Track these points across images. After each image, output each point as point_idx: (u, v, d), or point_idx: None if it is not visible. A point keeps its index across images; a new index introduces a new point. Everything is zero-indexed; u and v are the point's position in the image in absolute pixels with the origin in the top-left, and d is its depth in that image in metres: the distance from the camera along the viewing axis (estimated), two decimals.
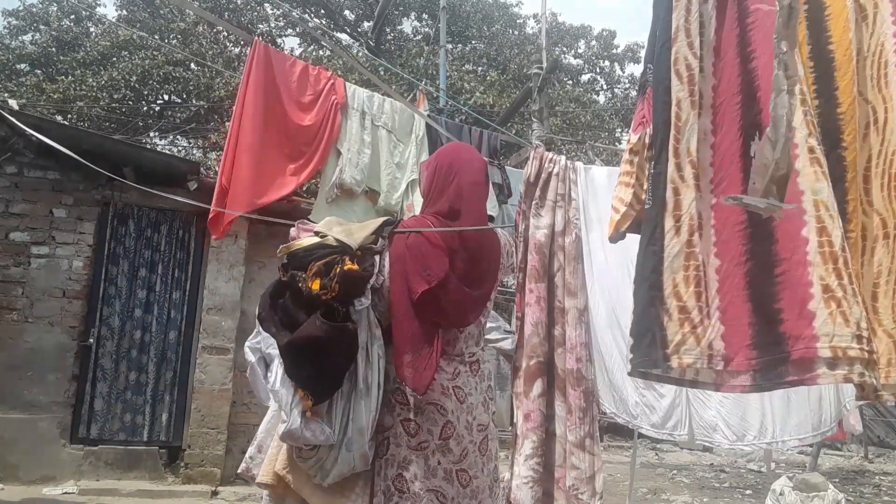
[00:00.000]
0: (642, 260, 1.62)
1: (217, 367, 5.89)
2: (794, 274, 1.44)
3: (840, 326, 1.36)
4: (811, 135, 1.47)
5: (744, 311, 1.52)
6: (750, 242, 1.54)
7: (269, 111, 3.90)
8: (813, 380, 1.42)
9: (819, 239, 1.41)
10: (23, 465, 5.35)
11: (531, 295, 2.87)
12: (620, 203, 1.89)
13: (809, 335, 1.39)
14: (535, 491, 2.79)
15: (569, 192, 3.01)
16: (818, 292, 1.39)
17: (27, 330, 5.60)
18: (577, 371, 2.83)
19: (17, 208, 5.76)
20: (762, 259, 1.51)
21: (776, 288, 1.47)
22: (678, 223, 1.57)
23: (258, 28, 14.93)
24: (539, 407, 2.84)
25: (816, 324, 1.38)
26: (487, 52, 16.38)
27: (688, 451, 12.67)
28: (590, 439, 2.80)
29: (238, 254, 6.05)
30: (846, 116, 1.59)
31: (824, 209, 1.42)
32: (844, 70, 1.61)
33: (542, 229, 2.93)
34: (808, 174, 1.44)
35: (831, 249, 1.40)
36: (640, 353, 1.58)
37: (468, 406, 1.97)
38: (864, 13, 1.62)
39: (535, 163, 3.02)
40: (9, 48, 14.15)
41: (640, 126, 1.88)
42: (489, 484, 1.97)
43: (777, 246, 1.48)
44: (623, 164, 1.93)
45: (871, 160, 1.58)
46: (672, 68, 1.63)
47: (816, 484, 5.48)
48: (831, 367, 1.37)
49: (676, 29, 1.64)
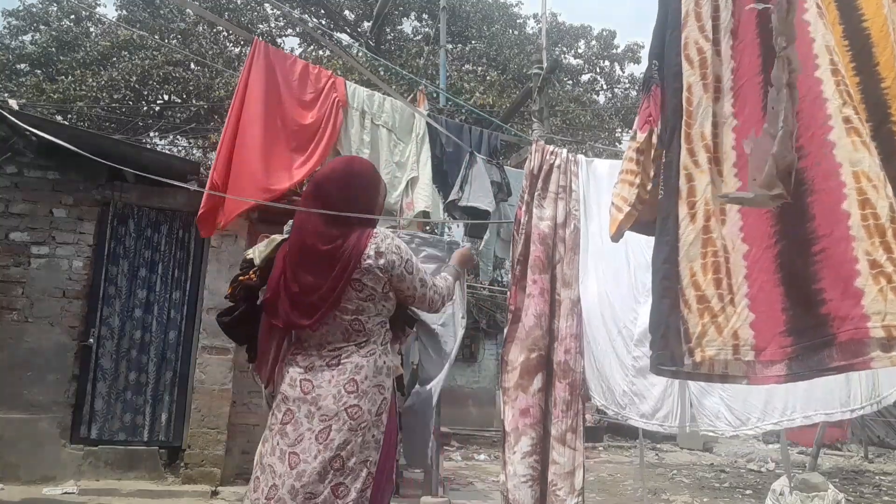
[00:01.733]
0: (656, 252, 1.58)
1: (217, 367, 5.89)
2: (835, 251, 1.33)
3: (892, 303, 1.24)
4: (846, 104, 1.37)
5: (775, 297, 1.43)
6: (779, 223, 1.45)
7: (272, 109, 3.91)
8: (865, 364, 1.30)
9: (862, 212, 1.30)
10: (23, 465, 5.35)
11: (534, 286, 2.86)
12: (623, 202, 1.85)
13: (858, 315, 1.28)
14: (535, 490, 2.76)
15: (570, 184, 3.02)
16: (865, 268, 1.28)
17: (27, 330, 5.60)
18: (566, 363, 2.82)
19: (17, 208, 5.76)
20: (796, 238, 1.40)
21: (815, 267, 1.36)
22: (693, 210, 1.51)
23: (258, 28, 14.92)
24: (539, 402, 2.81)
25: (865, 302, 1.27)
26: (487, 52, 16.36)
27: (688, 451, 12.66)
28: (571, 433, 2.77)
29: (238, 254, 6.03)
30: (892, 91, 1.52)
31: (866, 180, 1.31)
32: (883, 46, 1.55)
33: (545, 220, 2.94)
34: (845, 145, 1.34)
35: (877, 222, 1.29)
36: (658, 348, 1.52)
37: (313, 398, 2.16)
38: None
39: (536, 155, 3.03)
40: (9, 48, 14.15)
41: (647, 125, 1.83)
42: (319, 470, 2.09)
43: (814, 223, 1.37)
44: (626, 163, 1.88)
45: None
46: (682, 53, 1.60)
47: (816, 484, 5.47)
48: (886, 349, 1.26)
49: (686, 14, 1.61)
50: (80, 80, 12.17)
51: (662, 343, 1.53)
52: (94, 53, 13.13)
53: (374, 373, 2.20)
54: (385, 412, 2.20)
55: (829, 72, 1.41)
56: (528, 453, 2.78)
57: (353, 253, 2.21)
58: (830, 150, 1.35)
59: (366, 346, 2.23)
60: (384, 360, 2.24)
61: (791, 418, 3.72)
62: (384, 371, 2.23)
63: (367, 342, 2.23)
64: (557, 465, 2.74)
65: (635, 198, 1.82)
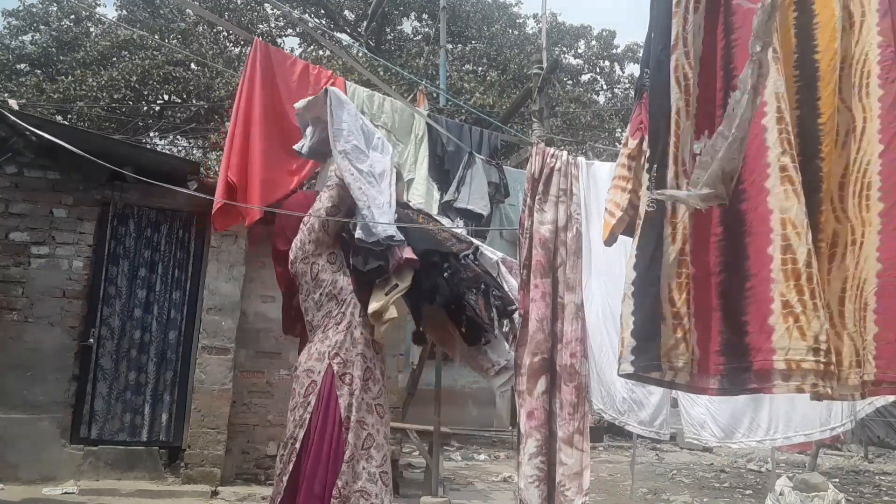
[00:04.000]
0: (648, 264, 1.64)
1: (217, 367, 5.89)
2: (760, 290, 1.52)
3: (796, 340, 1.44)
4: (784, 153, 1.50)
5: (714, 319, 1.59)
6: (723, 255, 1.60)
7: (271, 110, 3.91)
8: (769, 389, 1.52)
9: (783, 256, 1.48)
10: (23, 465, 5.35)
11: (536, 290, 2.87)
12: (616, 207, 1.92)
13: (767, 348, 1.48)
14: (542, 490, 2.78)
15: (570, 188, 3.02)
16: (778, 308, 1.47)
17: (27, 330, 5.60)
18: (571, 366, 2.83)
19: (17, 208, 5.76)
20: (736, 273, 1.57)
21: (745, 301, 1.55)
22: (674, 231, 1.60)
23: (258, 28, 14.92)
24: (542, 404, 2.83)
25: (774, 338, 1.47)
26: (487, 52, 16.35)
27: (688, 451, 12.66)
28: (578, 435, 2.80)
29: (238, 254, 6.04)
30: (826, 127, 1.61)
31: (791, 227, 1.48)
32: (827, 80, 1.62)
33: (546, 224, 2.94)
34: (778, 193, 1.50)
35: (794, 266, 1.46)
36: (644, 357, 1.60)
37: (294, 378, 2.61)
38: (852, 20, 1.62)
39: (537, 158, 3.03)
40: (9, 48, 14.15)
41: (638, 132, 1.90)
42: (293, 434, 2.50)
43: (749, 262, 1.55)
44: (619, 168, 1.95)
45: (848, 167, 1.60)
46: (672, 75, 1.63)
47: (816, 484, 5.48)
48: (785, 379, 1.47)
49: (676, 37, 1.64)
50: (80, 80, 12.16)
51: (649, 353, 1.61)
52: (94, 53, 13.12)
53: (305, 358, 2.52)
54: (313, 393, 2.45)
55: (775, 119, 1.52)
56: (535, 454, 2.81)
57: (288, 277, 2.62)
58: (766, 196, 1.51)
59: (311, 339, 2.55)
60: (317, 346, 2.51)
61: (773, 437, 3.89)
62: (314, 356, 2.50)
63: (314, 335, 2.55)
64: (565, 466, 2.77)
65: (627, 203, 1.89)
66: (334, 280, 2.54)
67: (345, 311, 2.54)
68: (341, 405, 2.44)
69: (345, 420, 2.44)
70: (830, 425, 3.75)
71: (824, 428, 3.78)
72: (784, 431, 3.83)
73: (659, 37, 1.72)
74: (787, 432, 3.83)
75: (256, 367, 6.14)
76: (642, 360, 1.60)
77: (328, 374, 2.46)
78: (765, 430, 3.84)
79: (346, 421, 2.44)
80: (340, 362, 2.48)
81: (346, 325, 2.53)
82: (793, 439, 3.91)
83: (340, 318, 2.53)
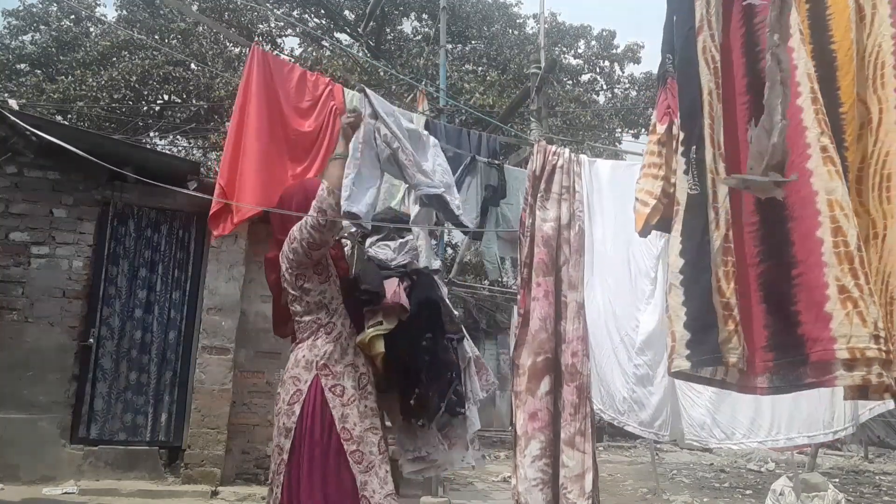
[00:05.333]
0: (697, 251, 1.54)
1: (217, 367, 5.89)
2: (810, 276, 1.43)
3: (857, 327, 1.35)
4: (823, 133, 1.44)
5: (757, 313, 1.51)
6: (763, 244, 1.53)
7: (270, 116, 3.90)
8: (831, 382, 1.41)
9: (834, 239, 1.40)
10: (23, 465, 5.35)
11: (539, 289, 2.84)
12: (649, 196, 1.83)
13: (827, 337, 1.38)
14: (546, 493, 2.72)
15: (573, 185, 3.00)
16: (834, 293, 1.38)
17: (27, 330, 5.60)
18: (573, 366, 2.79)
19: (17, 208, 5.76)
20: (779, 261, 1.49)
21: (794, 290, 1.45)
22: (717, 216, 1.52)
23: (258, 28, 14.91)
24: (547, 405, 2.79)
25: (833, 325, 1.38)
26: (487, 53, 16.35)
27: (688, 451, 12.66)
28: (580, 436, 2.74)
29: (238, 254, 6.04)
30: (847, 116, 1.57)
31: (839, 209, 1.40)
32: (846, 70, 1.59)
33: (548, 222, 2.92)
34: (822, 174, 1.42)
35: (847, 249, 1.38)
36: (702, 349, 1.50)
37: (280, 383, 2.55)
38: (863, 14, 1.61)
39: (539, 156, 3.02)
40: (9, 48, 14.13)
41: (666, 116, 1.82)
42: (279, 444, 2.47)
43: (794, 248, 1.47)
44: (648, 156, 1.87)
45: (865, 161, 1.56)
46: (701, 57, 1.58)
47: (816, 484, 5.48)
48: (849, 369, 1.37)
49: (701, 18, 1.60)
50: (80, 80, 12.15)
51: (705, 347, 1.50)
52: (94, 53, 13.11)
53: (293, 365, 2.47)
54: (298, 403, 2.39)
55: (810, 100, 1.47)
56: (538, 457, 2.75)
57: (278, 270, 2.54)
58: (808, 178, 1.43)
59: (299, 342, 2.51)
60: (304, 353, 2.45)
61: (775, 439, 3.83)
62: (302, 363, 2.44)
63: (300, 338, 2.51)
64: (567, 468, 2.72)
65: (660, 191, 1.80)
66: (322, 290, 2.49)
67: (335, 322, 2.49)
68: (335, 416, 2.38)
69: (341, 431, 2.37)
70: (833, 428, 3.68)
71: (827, 431, 3.72)
72: (787, 433, 3.77)
73: (683, 18, 1.68)
74: (789, 433, 3.77)
75: (256, 367, 6.14)
76: (700, 354, 1.49)
77: (315, 386, 2.40)
78: (766, 431, 3.80)
79: (345, 432, 2.37)
80: (329, 374, 2.42)
81: (335, 335, 2.48)
82: (795, 440, 3.85)
83: (331, 329, 2.48)
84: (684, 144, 1.61)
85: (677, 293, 1.54)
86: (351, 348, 2.50)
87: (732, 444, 3.96)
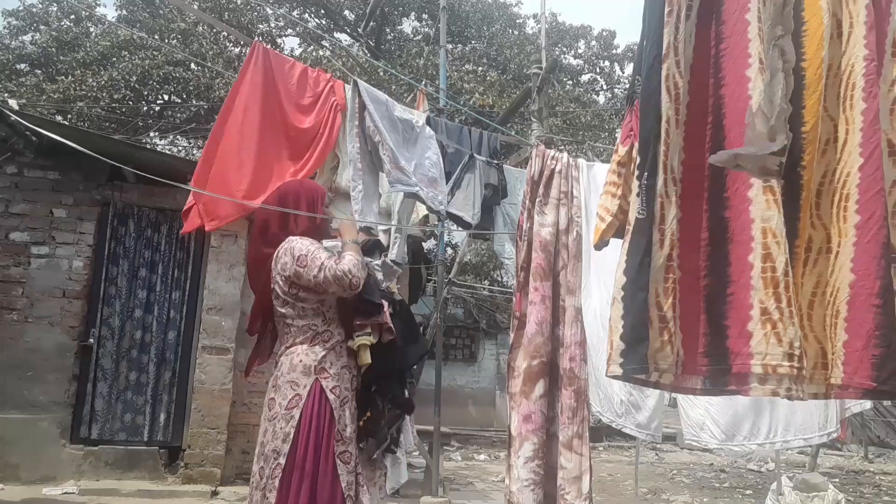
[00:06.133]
0: (637, 270, 1.67)
1: (217, 367, 5.89)
2: (740, 295, 1.59)
3: (773, 346, 1.51)
4: None
5: (701, 321, 1.65)
6: (709, 260, 1.66)
7: (269, 113, 3.89)
8: (746, 392, 1.60)
9: (763, 265, 1.54)
10: (23, 465, 5.35)
11: (536, 293, 2.87)
12: (606, 212, 1.98)
13: (746, 352, 1.55)
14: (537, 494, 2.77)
15: (571, 190, 3.01)
16: (756, 314, 1.54)
17: (27, 330, 5.60)
18: (570, 370, 2.83)
19: (17, 208, 5.76)
20: (719, 278, 1.64)
21: (726, 307, 1.61)
22: (662, 236, 1.64)
23: (258, 28, 14.91)
24: (541, 408, 2.82)
25: (752, 343, 1.54)
26: (487, 52, 16.35)
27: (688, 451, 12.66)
28: (578, 439, 2.78)
29: (238, 254, 6.04)
30: (809, 136, 1.63)
31: (771, 236, 1.54)
32: (812, 90, 1.64)
33: (546, 227, 2.94)
34: (760, 202, 1.56)
35: (773, 275, 1.53)
36: (632, 359, 1.64)
37: (274, 387, 2.53)
38: (840, 30, 1.63)
39: (537, 160, 3.02)
40: (9, 48, 14.13)
41: (628, 139, 1.95)
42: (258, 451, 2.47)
43: (730, 268, 1.62)
44: (609, 175, 2.01)
45: (826, 176, 1.62)
46: (663, 84, 1.66)
47: (816, 484, 5.49)
48: (761, 382, 1.55)
49: (668, 46, 1.66)
50: (80, 80, 12.15)
51: (638, 357, 1.64)
52: (94, 53, 13.11)
53: (289, 370, 2.47)
54: (297, 407, 2.41)
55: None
56: (531, 458, 2.79)
57: (269, 266, 2.53)
58: (748, 205, 1.58)
59: (291, 347, 2.51)
60: (301, 358, 2.46)
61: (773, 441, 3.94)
62: (299, 368, 2.45)
63: (293, 343, 2.51)
64: (565, 469, 2.76)
65: (617, 208, 1.94)
66: (320, 300, 2.51)
67: (331, 330, 2.53)
68: (335, 418, 2.43)
69: (336, 433, 2.43)
70: (828, 430, 3.83)
71: (822, 433, 3.85)
72: (783, 435, 3.88)
73: (651, 45, 1.74)
74: (786, 436, 3.88)
75: (256, 367, 6.14)
76: (630, 363, 1.64)
77: (315, 390, 2.44)
78: (765, 433, 3.90)
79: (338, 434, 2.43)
80: (328, 376, 2.46)
81: (333, 343, 2.52)
82: (791, 443, 3.99)
83: (328, 337, 2.52)
84: (639, 170, 1.72)
85: (618, 307, 1.67)
86: (344, 353, 2.55)
87: (734, 446, 4.02)
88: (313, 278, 2.41)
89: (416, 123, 3.25)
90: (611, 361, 1.67)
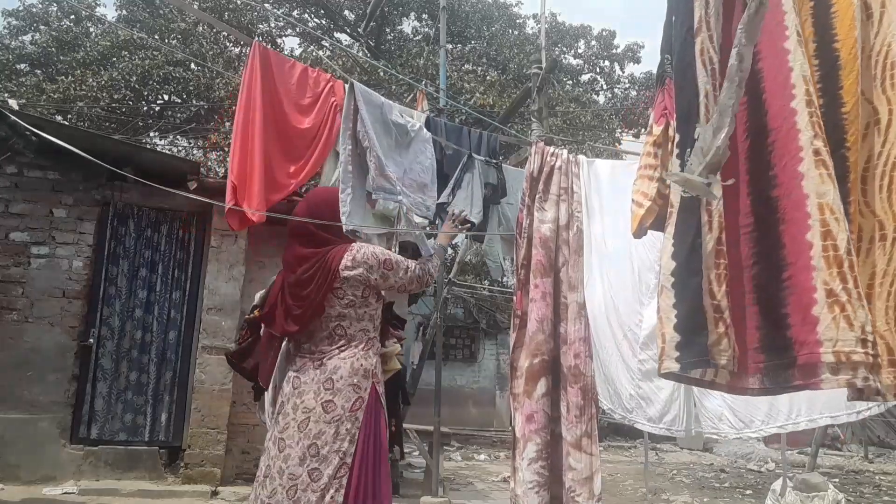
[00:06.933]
0: (688, 254, 1.53)
1: (217, 367, 5.89)
2: (799, 279, 1.42)
3: (844, 331, 1.34)
4: (817, 136, 1.43)
5: (750, 314, 1.51)
6: (757, 246, 1.52)
7: (270, 113, 3.89)
8: (817, 385, 1.41)
9: (823, 243, 1.39)
10: (23, 465, 5.35)
11: (536, 290, 2.84)
12: (643, 197, 1.84)
13: (814, 340, 1.38)
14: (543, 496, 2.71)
15: (571, 186, 2.99)
16: (822, 297, 1.38)
17: (27, 330, 5.60)
18: (575, 367, 2.78)
19: (17, 208, 5.76)
20: (770, 263, 1.49)
21: (784, 293, 1.45)
22: (710, 218, 1.51)
23: (258, 28, 14.89)
24: (543, 407, 2.77)
25: (820, 329, 1.37)
26: (487, 52, 16.34)
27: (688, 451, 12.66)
28: (587, 439, 2.72)
29: (238, 254, 6.04)
30: (850, 116, 1.55)
31: (829, 212, 1.39)
32: (849, 69, 1.57)
33: (546, 223, 2.91)
34: (814, 177, 1.42)
35: (836, 253, 1.37)
36: (691, 352, 1.49)
37: (298, 392, 2.50)
38: (870, 12, 1.58)
39: (536, 157, 3.01)
40: (9, 48, 14.12)
41: (663, 118, 1.83)
42: (300, 455, 2.43)
43: (785, 250, 1.46)
44: (645, 157, 1.88)
45: (871, 161, 1.54)
46: (698, 58, 1.57)
47: (816, 484, 5.47)
48: (834, 372, 1.36)
49: (699, 20, 1.59)
50: (80, 80, 12.14)
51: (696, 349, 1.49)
52: (94, 53, 13.10)
53: (350, 373, 2.49)
54: (361, 409, 2.48)
55: (804, 102, 1.45)
56: (534, 459, 2.73)
57: (330, 267, 2.53)
58: (800, 181, 1.44)
59: (346, 350, 2.53)
60: (361, 362, 2.52)
61: (796, 422, 3.67)
62: (360, 372, 2.51)
63: (347, 346, 2.54)
64: (575, 471, 2.69)
65: (655, 192, 1.81)
66: (377, 307, 2.65)
67: (378, 337, 2.67)
68: (382, 424, 2.56)
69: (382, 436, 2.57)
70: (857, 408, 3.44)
71: (850, 411, 3.49)
72: (808, 414, 3.55)
73: (682, 19, 1.67)
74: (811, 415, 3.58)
75: None
76: (688, 356, 1.49)
77: (373, 394, 2.54)
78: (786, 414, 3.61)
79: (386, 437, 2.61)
80: (379, 382, 2.60)
81: (378, 349, 2.65)
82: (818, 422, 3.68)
83: (376, 343, 2.65)
84: (679, 147, 1.60)
85: (668, 295, 1.53)
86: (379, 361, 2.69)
87: (752, 433, 3.84)
88: (399, 279, 2.59)
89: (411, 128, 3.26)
90: (664, 356, 1.52)
